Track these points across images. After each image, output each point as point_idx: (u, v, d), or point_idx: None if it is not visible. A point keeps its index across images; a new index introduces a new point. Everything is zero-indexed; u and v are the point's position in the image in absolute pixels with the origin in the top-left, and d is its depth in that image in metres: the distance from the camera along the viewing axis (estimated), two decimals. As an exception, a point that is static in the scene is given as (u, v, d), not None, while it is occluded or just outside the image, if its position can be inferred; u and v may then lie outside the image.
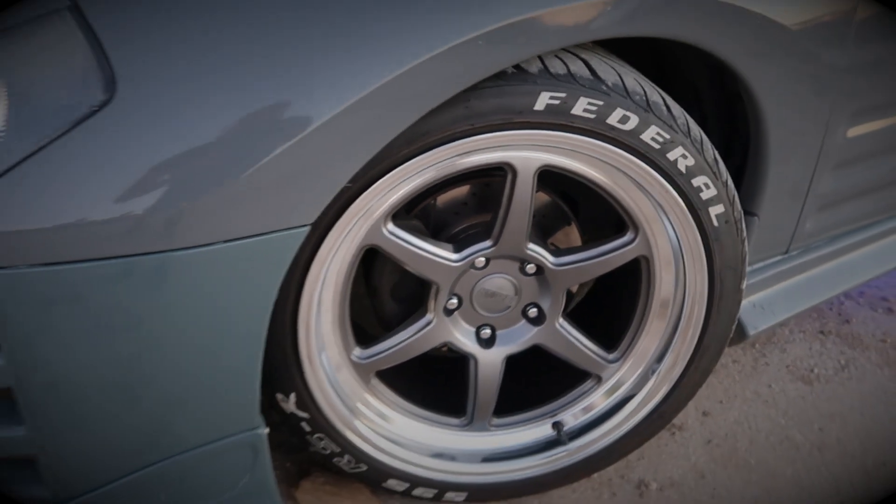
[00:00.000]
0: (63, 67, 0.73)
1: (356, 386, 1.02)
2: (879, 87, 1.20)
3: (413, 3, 0.77)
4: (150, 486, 0.86)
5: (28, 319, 0.72)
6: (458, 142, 0.86)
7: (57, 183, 0.70)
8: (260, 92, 0.72)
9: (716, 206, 0.97)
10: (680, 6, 0.90)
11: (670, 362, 1.08)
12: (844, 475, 1.21)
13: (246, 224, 0.74)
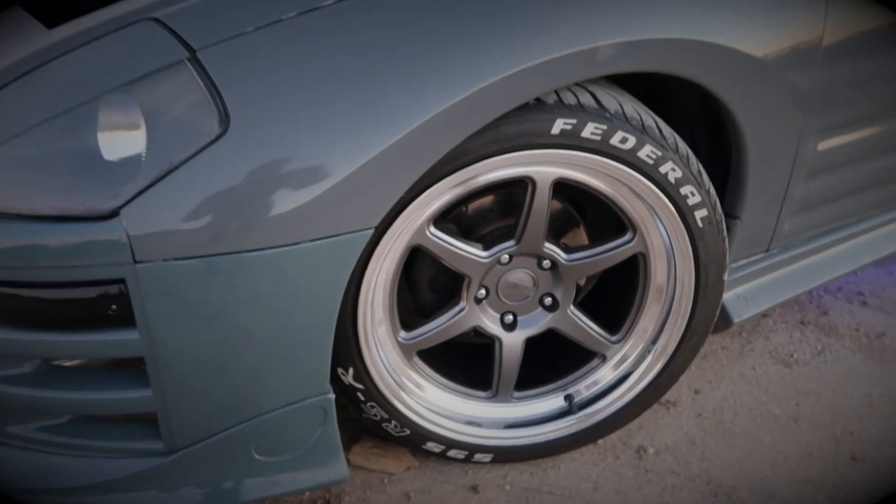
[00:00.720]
0: (186, 106, 0.94)
1: (401, 363, 1.23)
2: (846, 105, 1.40)
3: (457, 48, 0.97)
4: (243, 439, 1.06)
5: (160, 303, 0.93)
6: (489, 160, 1.07)
7: (187, 196, 0.91)
8: (341, 122, 0.93)
9: (700, 211, 1.17)
10: (667, 48, 1.10)
11: (664, 342, 1.28)
12: (815, 441, 1.41)
13: (328, 227, 0.95)
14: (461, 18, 0.98)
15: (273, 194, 0.92)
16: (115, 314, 0.95)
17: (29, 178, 0.93)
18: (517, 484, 1.29)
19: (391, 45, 0.97)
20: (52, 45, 1.04)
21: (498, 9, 1.00)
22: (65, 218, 0.91)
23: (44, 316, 0.97)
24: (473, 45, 0.98)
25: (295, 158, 0.93)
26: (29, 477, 1.06)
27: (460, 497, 1.26)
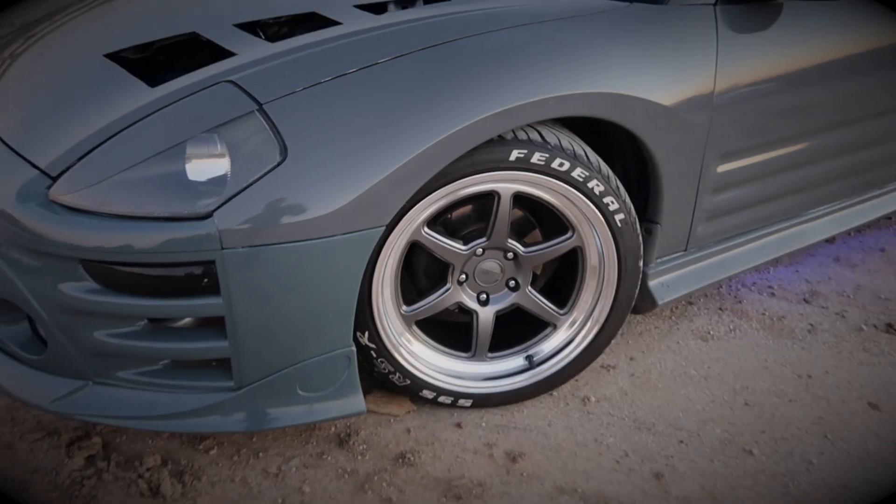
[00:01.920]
0: (256, 142, 1.36)
1: (403, 329, 1.64)
2: (736, 138, 1.85)
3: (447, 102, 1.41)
4: (291, 378, 1.47)
5: (243, 278, 1.35)
6: (466, 178, 1.50)
7: (257, 203, 1.33)
8: (366, 152, 1.36)
9: (619, 215, 1.61)
10: (594, 99, 1.54)
11: (598, 313, 1.71)
12: (719, 393, 1.84)
13: (354, 224, 1.37)
14: (449, 82, 1.42)
15: (317, 201, 1.35)
16: (207, 285, 1.37)
17: (151, 192, 1.35)
18: (491, 422, 1.71)
19: (401, 98, 1.41)
20: (156, 99, 1.47)
21: (472, 74, 1.44)
22: (175, 218, 1.33)
23: (155, 287, 1.39)
24: (457, 99, 1.42)
25: (332, 176, 1.35)
26: (134, 408, 1.47)
27: (448, 431, 1.68)
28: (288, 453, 1.60)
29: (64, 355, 1.47)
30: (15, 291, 1.43)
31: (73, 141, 1.45)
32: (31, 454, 1.57)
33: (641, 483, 1.57)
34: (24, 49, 1.87)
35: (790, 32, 1.87)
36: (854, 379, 1.91)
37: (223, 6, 1.82)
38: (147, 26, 1.76)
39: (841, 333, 2.09)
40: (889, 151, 2.31)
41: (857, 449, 1.69)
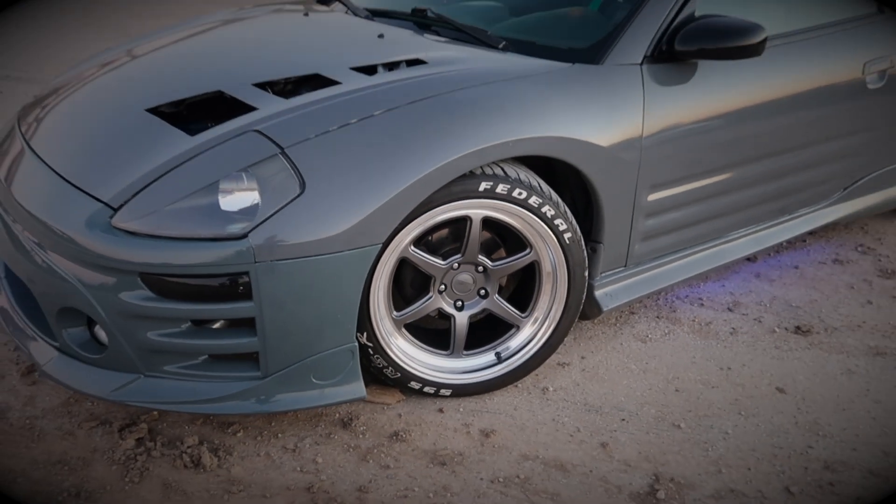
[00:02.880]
0: (279, 179, 1.73)
1: (394, 330, 2.01)
2: (661, 172, 2.25)
3: (430, 144, 1.79)
4: (307, 368, 1.82)
5: (270, 285, 1.71)
6: (444, 206, 1.88)
7: (282, 226, 1.69)
8: (368, 185, 1.73)
9: (567, 233, 2.01)
10: (545, 142, 1.94)
11: (553, 315, 2.10)
12: (654, 383, 2.22)
13: (357, 242, 1.74)
14: (430, 129, 1.81)
15: (328, 225, 1.72)
16: (242, 292, 1.72)
17: (197, 218, 1.71)
18: (467, 407, 2.07)
19: (392, 143, 1.79)
20: (197, 145, 1.84)
21: (448, 123, 1.83)
22: (218, 238, 1.69)
23: (198, 294, 1.74)
24: (436, 143, 1.81)
25: (340, 205, 1.73)
26: (179, 395, 1.81)
27: (432, 415, 2.03)
28: (302, 434, 1.94)
29: (120, 353, 1.80)
30: (83, 301, 1.77)
31: (129, 179, 1.81)
32: (89, 438, 1.89)
33: (590, 450, 1.94)
34: (71, 98, 2.24)
35: (707, 85, 2.30)
36: (766, 370, 2.31)
37: (240, 68, 2.20)
38: (178, 85, 2.13)
39: (757, 335, 2.49)
40: (798, 182, 2.74)
41: (764, 422, 2.08)
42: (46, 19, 6.79)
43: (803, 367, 2.33)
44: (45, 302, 1.87)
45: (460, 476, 1.83)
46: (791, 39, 2.58)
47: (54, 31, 6.40)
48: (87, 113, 2.16)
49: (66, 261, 1.78)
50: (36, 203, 1.90)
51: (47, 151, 2.03)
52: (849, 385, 2.25)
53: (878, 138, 2.91)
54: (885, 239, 3.25)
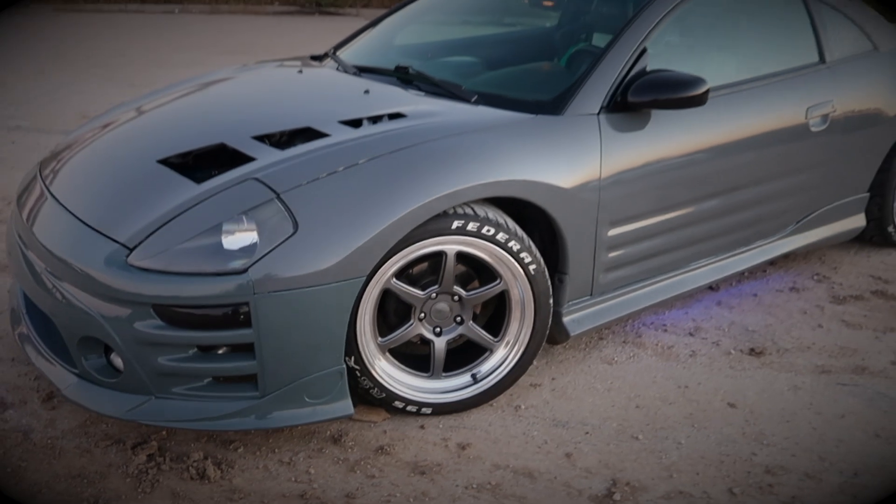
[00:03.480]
0: (275, 220, 1.98)
1: (379, 355, 2.23)
2: (619, 210, 2.50)
3: (409, 189, 2.04)
4: (300, 388, 2.05)
5: (269, 314, 1.94)
6: (421, 241, 2.12)
7: (277, 263, 1.94)
8: (354, 224, 1.98)
9: (532, 265, 2.25)
10: (511, 184, 2.19)
11: (522, 339, 2.33)
12: (618, 401, 2.44)
13: (345, 274, 1.98)
14: (408, 175, 2.07)
15: (318, 260, 1.96)
16: (242, 320, 1.96)
17: (203, 256, 1.95)
18: (446, 424, 2.29)
19: (375, 187, 2.04)
20: (202, 192, 2.09)
21: (424, 169, 2.09)
22: (221, 273, 1.93)
23: (204, 322, 1.97)
24: (413, 187, 2.06)
25: (328, 242, 1.97)
26: (187, 414, 2.03)
27: (414, 431, 2.25)
28: (296, 448, 2.16)
29: (134, 376, 2.03)
30: (101, 330, 2.00)
31: (142, 222, 2.06)
32: (105, 455, 2.11)
33: (556, 460, 2.16)
34: (89, 150, 2.50)
35: (659, 131, 2.56)
36: (720, 387, 2.53)
37: (241, 122, 2.46)
38: (186, 138, 2.39)
39: (714, 356, 2.72)
40: (752, 216, 2.99)
41: (714, 433, 2.30)
42: (55, 72, 7.11)
43: (754, 385, 2.55)
44: (66, 332, 2.10)
45: (438, 483, 2.05)
46: (740, 88, 2.86)
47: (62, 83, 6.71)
48: (104, 163, 2.41)
49: (86, 295, 2.02)
50: (58, 244, 2.14)
51: (68, 198, 2.28)
52: (794, 399, 2.48)
53: (825, 176, 3.18)
54: (840, 268, 3.49)
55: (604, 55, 2.54)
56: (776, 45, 3.10)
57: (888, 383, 2.59)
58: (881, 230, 3.59)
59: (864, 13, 3.41)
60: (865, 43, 3.35)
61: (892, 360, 2.73)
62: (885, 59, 3.37)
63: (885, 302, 3.19)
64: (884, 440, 2.30)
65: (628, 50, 2.54)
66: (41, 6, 12.67)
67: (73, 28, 10.38)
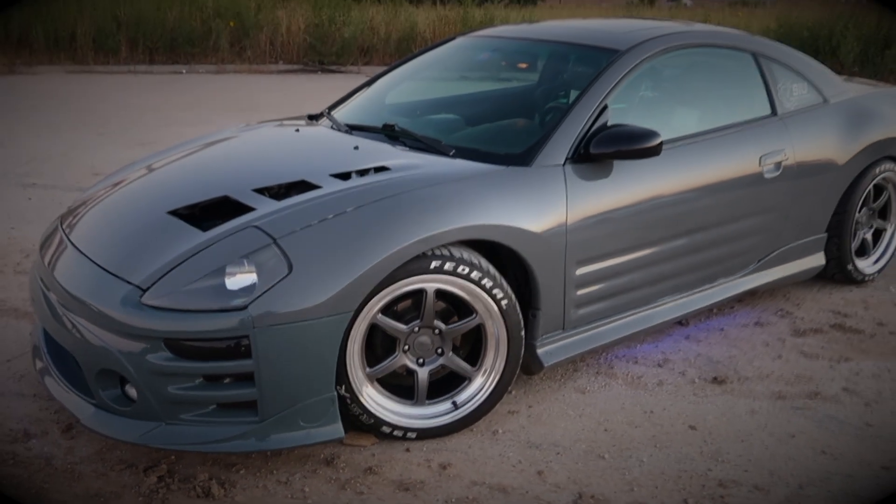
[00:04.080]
0: (272, 263, 2.24)
1: (367, 383, 2.47)
2: (585, 251, 2.76)
3: (392, 233, 2.31)
4: (295, 413, 2.28)
5: (267, 346, 2.19)
6: (403, 280, 2.38)
7: (274, 300, 2.19)
8: (344, 264, 2.24)
9: (504, 301, 2.50)
10: (485, 228, 2.46)
11: (497, 366, 2.57)
12: (588, 426, 2.66)
13: (335, 309, 2.24)
14: (391, 221, 2.33)
15: (310, 297, 2.21)
16: (243, 352, 2.20)
17: (209, 295, 2.21)
18: (429, 447, 2.51)
19: (362, 232, 2.31)
20: (208, 238, 2.36)
21: (405, 216, 2.35)
22: (226, 310, 2.19)
23: (209, 354, 2.22)
24: (396, 231, 2.32)
25: (320, 281, 2.22)
26: (193, 438, 2.26)
27: (400, 453, 2.48)
28: (293, 470, 2.38)
29: (146, 405, 2.27)
30: (118, 363, 2.24)
31: (155, 266, 2.32)
32: (119, 477, 2.33)
33: (528, 477, 2.38)
34: (105, 203, 2.78)
35: (621, 179, 2.84)
36: (683, 412, 2.76)
37: (243, 176, 2.74)
38: (193, 191, 2.67)
39: (679, 385, 2.95)
40: (714, 255, 3.25)
41: (675, 452, 2.52)
42: (68, 131, 7.46)
43: (714, 409, 2.78)
44: (86, 366, 2.34)
45: (420, 498, 2.27)
46: (697, 139, 3.15)
47: (75, 142, 7.05)
48: (119, 215, 2.69)
49: (104, 331, 2.27)
50: (79, 286, 2.40)
51: (87, 246, 2.55)
52: (750, 422, 2.70)
53: (782, 218, 3.44)
54: (803, 304, 3.73)
55: (568, 112, 2.83)
56: (731, 100, 3.40)
57: (838, 407, 2.81)
58: (841, 268, 3.84)
59: (814, 69, 3.72)
60: (816, 96, 3.64)
61: (843, 387, 2.96)
62: (834, 110, 3.66)
63: (842, 334, 3.42)
64: (829, 457, 2.51)
65: (590, 107, 2.83)
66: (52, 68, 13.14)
67: (85, 89, 10.81)
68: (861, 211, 3.86)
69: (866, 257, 3.98)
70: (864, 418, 2.75)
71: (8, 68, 12.62)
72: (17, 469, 2.36)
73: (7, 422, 2.60)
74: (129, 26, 13.78)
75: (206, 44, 14.30)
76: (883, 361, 3.18)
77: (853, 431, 2.66)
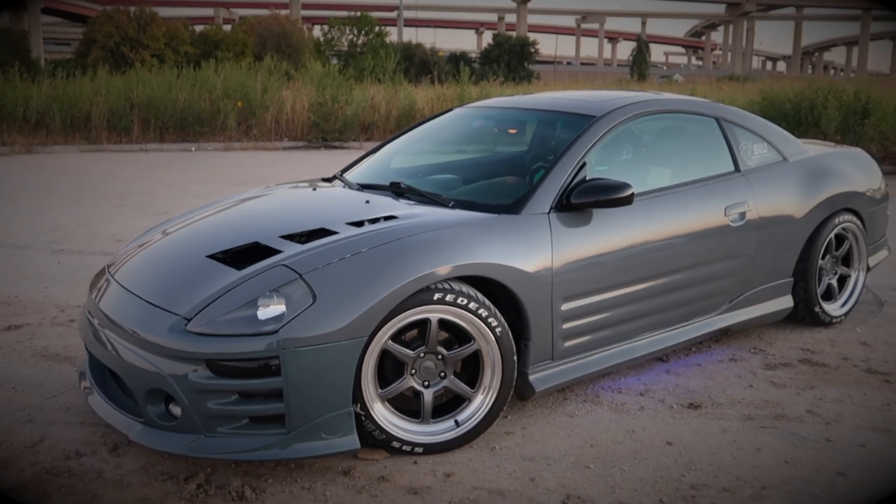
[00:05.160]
0: (298, 295, 2.62)
1: (378, 402, 2.81)
2: (569, 289, 3.14)
3: (399, 269, 2.69)
4: (318, 426, 2.62)
5: (294, 365, 2.54)
6: (411, 310, 2.75)
7: (300, 327, 2.56)
8: (360, 296, 2.62)
9: (498, 328, 2.87)
10: (479, 267, 2.84)
11: (494, 386, 2.91)
12: (575, 443, 2.98)
13: (352, 334, 2.60)
14: (400, 260, 2.72)
15: (331, 323, 2.58)
16: (274, 370, 2.56)
17: (245, 322, 2.58)
18: (435, 459, 2.83)
19: (374, 269, 2.69)
20: (243, 275, 2.74)
21: (412, 255, 2.74)
22: (259, 334, 2.55)
23: (243, 373, 2.57)
24: (403, 268, 2.70)
25: (338, 310, 2.60)
26: (229, 448, 2.59)
27: (408, 465, 2.80)
28: (314, 479, 2.70)
29: (188, 420, 2.61)
30: (165, 383, 2.60)
31: (197, 300, 2.70)
32: (163, 486, 2.65)
33: (522, 483, 2.69)
34: (148, 251, 3.17)
35: (601, 226, 3.24)
36: (661, 431, 3.08)
37: (269, 227, 3.14)
38: (227, 239, 3.07)
39: (659, 410, 3.28)
40: (688, 296, 3.62)
41: (653, 463, 2.84)
42: (87, 203, 7.92)
43: (689, 429, 3.11)
44: (135, 387, 2.69)
45: (428, 500, 2.58)
46: (668, 192, 3.56)
47: (96, 213, 7.50)
48: (162, 260, 3.09)
49: (153, 356, 2.63)
50: (130, 319, 2.78)
51: (135, 286, 2.93)
52: (721, 438, 3.02)
53: (749, 263, 3.83)
54: (775, 343, 4.09)
55: (552, 168, 3.25)
56: (698, 159, 3.84)
57: (801, 426, 3.14)
58: (809, 310, 4.21)
59: (773, 131, 4.17)
60: (775, 155, 4.09)
61: (807, 409, 3.29)
62: (793, 167, 4.10)
63: (809, 367, 3.76)
64: (791, 465, 2.83)
65: (570, 164, 3.26)
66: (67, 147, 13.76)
67: (100, 166, 11.36)
68: (825, 258, 4.25)
69: (833, 301, 4.35)
70: (824, 435, 3.07)
71: (26, 148, 13.25)
72: (72, 480, 2.68)
73: (59, 444, 2.93)
74: (142, 107, 14.49)
75: (215, 123, 14.99)
76: (845, 388, 3.51)
77: (814, 445, 2.99)
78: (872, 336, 4.21)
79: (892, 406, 3.34)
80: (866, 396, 3.44)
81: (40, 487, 2.64)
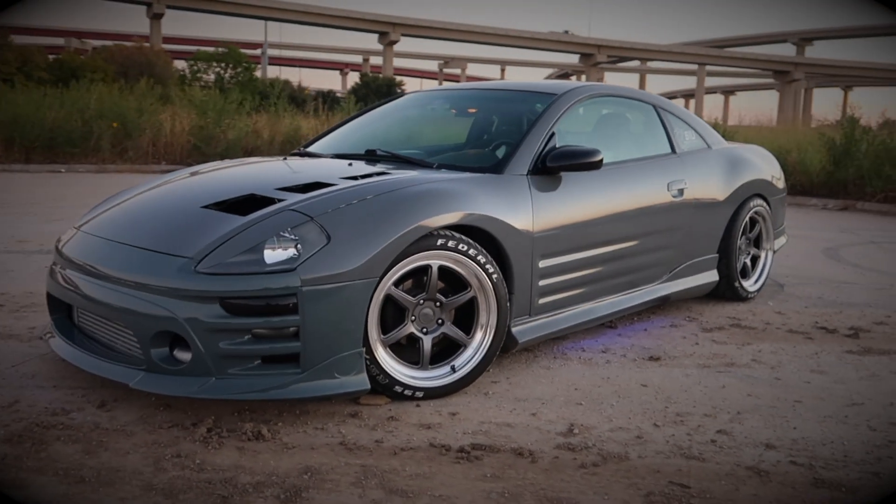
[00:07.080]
0: (312, 236, 2.66)
1: (381, 347, 2.87)
2: (546, 247, 3.34)
3: (406, 217, 2.79)
4: (331, 365, 2.65)
5: (312, 303, 2.57)
6: (415, 255, 2.84)
7: (315, 266, 2.60)
8: (372, 238, 2.69)
9: (493, 275, 3.01)
10: (474, 218, 2.99)
11: (489, 332, 3.04)
12: (560, 388, 3.15)
13: (364, 275, 2.66)
14: (402, 207, 2.82)
15: (345, 263, 2.64)
16: (291, 308, 2.57)
17: (256, 263, 2.58)
18: (436, 403, 2.92)
19: (381, 214, 2.77)
20: (248, 220, 2.75)
21: (412, 203, 2.85)
22: (275, 272, 2.57)
23: (259, 311, 2.57)
24: (407, 215, 2.80)
25: (353, 252, 2.66)
26: (242, 389, 2.57)
27: (412, 408, 2.86)
28: (324, 421, 2.72)
29: (199, 362, 2.57)
30: (177, 324, 2.55)
31: (203, 243, 2.68)
32: (170, 433, 2.58)
33: (525, 417, 2.83)
34: (132, 202, 3.09)
35: (568, 190, 3.47)
36: (632, 377, 3.31)
37: (263, 182, 3.16)
38: (219, 193, 3.05)
39: (624, 362, 3.52)
40: (635, 263, 3.91)
41: (636, 399, 3.05)
42: None
43: (656, 375, 3.35)
44: (139, 333, 2.62)
45: (442, 432, 2.67)
46: (623, 166, 3.86)
47: None
48: (151, 212, 3.02)
49: (159, 297, 2.58)
50: (126, 268, 2.71)
51: (125, 237, 2.86)
52: (687, 381, 3.29)
53: (685, 236, 4.19)
54: (704, 313, 4.46)
55: (526, 135, 3.48)
56: (642, 140, 4.18)
57: (751, 370, 3.47)
58: (730, 285, 4.62)
59: (699, 122, 4.61)
60: (701, 142, 4.50)
61: (752, 359, 3.63)
62: (716, 154, 4.54)
63: (741, 330, 4.14)
64: (754, 397, 3.13)
65: (542, 132, 3.49)
66: (-83, 167, 12.70)
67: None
68: (741, 239, 4.69)
69: (748, 278, 4.80)
70: (773, 375, 3.40)
71: None
72: (68, 431, 2.56)
73: (39, 403, 2.78)
74: (5, 125, 13.63)
75: (87, 144, 14.29)
76: (777, 344, 3.89)
77: (768, 383, 3.30)
78: (783, 307, 4.67)
79: (821, 354, 3.74)
80: (796, 349, 3.82)
81: (37, 435, 2.51)
